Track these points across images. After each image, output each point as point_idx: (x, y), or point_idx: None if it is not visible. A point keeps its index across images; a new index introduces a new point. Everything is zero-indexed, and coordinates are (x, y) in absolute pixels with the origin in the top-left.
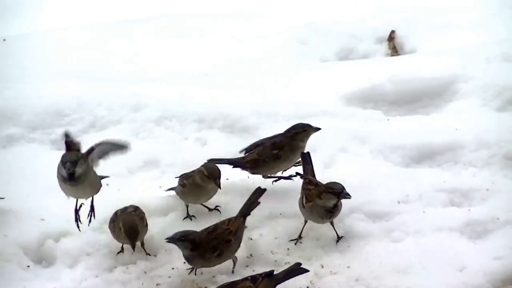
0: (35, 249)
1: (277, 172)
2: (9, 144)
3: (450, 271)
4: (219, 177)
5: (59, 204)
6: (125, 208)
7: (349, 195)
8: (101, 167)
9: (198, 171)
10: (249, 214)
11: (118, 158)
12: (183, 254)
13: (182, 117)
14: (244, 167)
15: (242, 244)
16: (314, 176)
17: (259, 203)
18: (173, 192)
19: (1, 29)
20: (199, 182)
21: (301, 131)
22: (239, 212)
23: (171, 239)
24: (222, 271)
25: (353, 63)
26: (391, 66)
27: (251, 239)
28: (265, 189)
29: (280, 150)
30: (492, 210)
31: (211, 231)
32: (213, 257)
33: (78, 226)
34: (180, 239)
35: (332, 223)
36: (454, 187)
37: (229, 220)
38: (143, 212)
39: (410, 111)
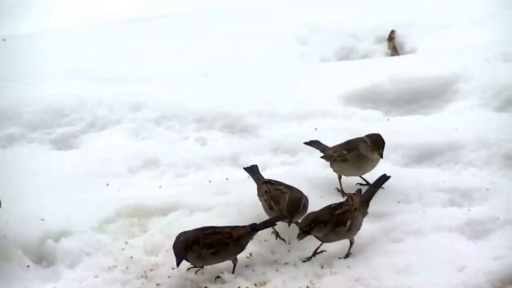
0: (35, 249)
1: (343, 174)
2: (9, 144)
3: (450, 271)
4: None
5: (59, 204)
6: None
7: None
8: (101, 167)
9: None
10: (260, 229)
11: (118, 158)
12: (187, 260)
13: (182, 117)
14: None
15: None
16: (366, 201)
17: (275, 224)
18: (173, 192)
19: (2, 29)
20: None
21: (366, 141)
22: (251, 224)
23: (178, 263)
24: (224, 271)
25: (353, 63)
26: (391, 66)
27: (251, 238)
28: (286, 216)
29: (348, 153)
30: (492, 210)
31: (205, 229)
32: (208, 254)
33: None
34: (184, 253)
35: (350, 241)
36: (454, 187)
37: (236, 226)
38: None
39: (410, 111)
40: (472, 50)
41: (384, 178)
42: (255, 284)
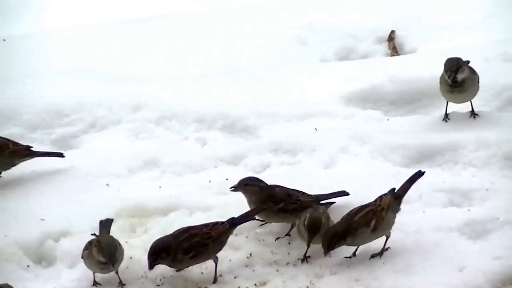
0: (35, 249)
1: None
2: None
3: (450, 271)
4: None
5: (59, 204)
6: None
7: None
8: (101, 167)
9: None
10: (239, 224)
11: (118, 158)
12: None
13: (182, 117)
14: None
15: (242, 244)
16: (398, 197)
17: (254, 219)
18: (173, 192)
19: (2, 29)
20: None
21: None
22: (229, 219)
23: (151, 267)
24: (223, 271)
25: (353, 63)
26: (391, 66)
27: (251, 238)
28: (265, 208)
29: None
30: (491, 210)
31: (180, 234)
32: (186, 258)
33: None
34: (153, 259)
35: (386, 236)
36: (454, 187)
37: (214, 224)
38: None
39: (410, 111)
40: (471, 50)
41: (418, 174)
42: (255, 284)
